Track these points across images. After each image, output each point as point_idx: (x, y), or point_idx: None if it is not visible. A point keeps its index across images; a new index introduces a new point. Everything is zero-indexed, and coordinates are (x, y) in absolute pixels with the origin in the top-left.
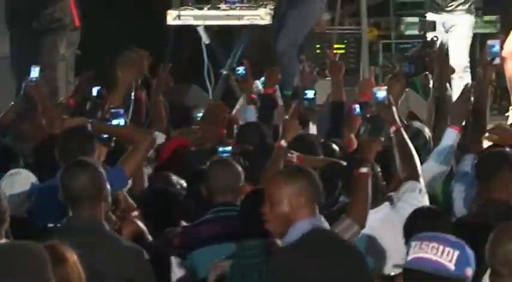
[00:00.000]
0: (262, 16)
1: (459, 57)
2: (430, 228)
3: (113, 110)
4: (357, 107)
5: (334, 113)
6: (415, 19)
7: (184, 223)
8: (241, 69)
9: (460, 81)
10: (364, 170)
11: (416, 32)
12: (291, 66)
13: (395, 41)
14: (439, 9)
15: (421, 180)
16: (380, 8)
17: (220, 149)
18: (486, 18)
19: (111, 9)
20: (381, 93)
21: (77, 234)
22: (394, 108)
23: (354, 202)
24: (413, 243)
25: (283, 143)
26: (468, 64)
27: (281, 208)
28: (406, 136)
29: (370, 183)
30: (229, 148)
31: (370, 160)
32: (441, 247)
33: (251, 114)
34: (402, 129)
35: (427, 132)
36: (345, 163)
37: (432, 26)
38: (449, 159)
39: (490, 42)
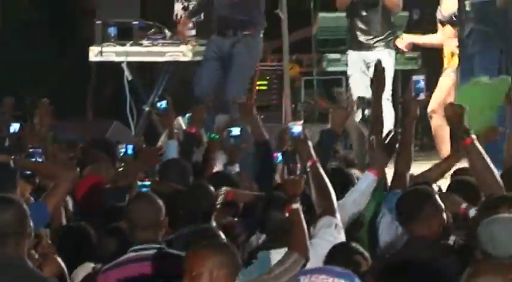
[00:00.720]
0: (184, 53)
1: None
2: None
3: (31, 150)
4: (279, 156)
5: (258, 153)
6: (337, 56)
7: (100, 265)
8: (162, 104)
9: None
10: (295, 206)
11: (338, 68)
12: None
13: (317, 78)
14: (359, 46)
15: (337, 215)
16: (302, 44)
17: (140, 183)
18: (407, 55)
19: (33, 44)
20: (297, 128)
21: (1, 272)
22: (309, 143)
23: (295, 237)
24: (302, 278)
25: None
26: (390, 97)
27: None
28: (322, 170)
29: (302, 216)
30: (148, 183)
31: (298, 195)
32: (330, 279)
33: (173, 150)
34: (318, 163)
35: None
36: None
37: None
38: (359, 202)
39: (415, 78)
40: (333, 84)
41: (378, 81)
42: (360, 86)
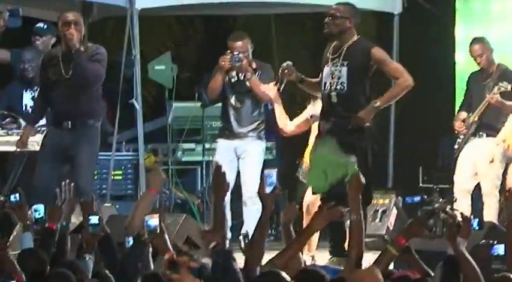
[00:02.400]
0: (39, 142)
1: (251, 183)
2: None
3: None
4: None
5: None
6: (192, 145)
7: None
8: (16, 197)
9: (252, 205)
10: None
11: (193, 158)
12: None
13: (173, 167)
14: (230, 135)
15: None
16: (157, 134)
17: None
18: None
19: None
20: (153, 221)
21: None
22: (166, 236)
23: None
24: None
25: None
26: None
27: None
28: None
29: None
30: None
31: None
32: None
33: (28, 242)
34: (175, 255)
35: None
36: None
37: None
38: None
39: (266, 172)
40: (188, 174)
41: (217, 184)
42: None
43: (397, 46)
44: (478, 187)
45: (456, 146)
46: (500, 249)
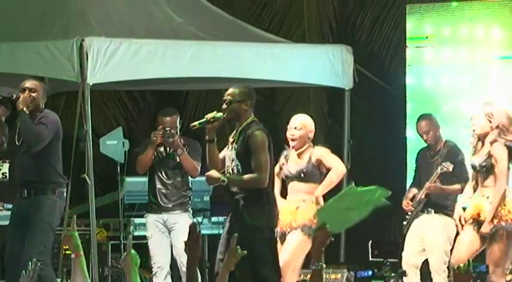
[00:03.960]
0: None
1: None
2: None
3: None
4: None
5: None
6: (144, 220)
7: None
8: None
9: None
10: None
11: (145, 233)
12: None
13: (125, 242)
14: (157, 209)
15: None
16: (109, 209)
17: None
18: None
19: None
20: None
21: None
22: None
23: None
24: None
25: None
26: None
27: None
28: None
29: None
30: None
31: None
32: None
33: None
34: None
35: None
36: None
37: None
38: None
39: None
40: (140, 249)
41: (192, 246)
42: (160, 248)
43: (348, 121)
44: (426, 262)
45: (405, 223)
46: None
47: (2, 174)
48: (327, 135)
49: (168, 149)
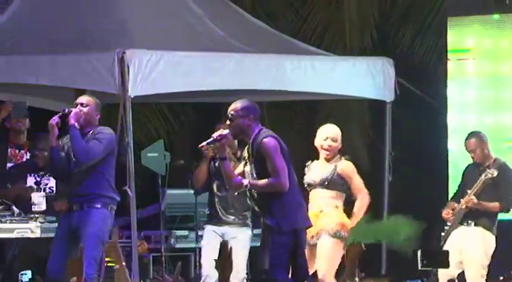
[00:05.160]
0: (32, 229)
1: (237, 270)
2: None
3: None
4: None
5: None
6: (185, 232)
7: None
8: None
9: None
10: None
11: (186, 245)
12: None
13: (166, 254)
14: (217, 222)
15: None
16: (150, 221)
17: None
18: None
19: None
20: None
21: None
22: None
23: None
24: None
25: None
26: (245, 276)
27: None
28: None
29: None
30: None
31: None
32: None
33: None
34: None
35: None
36: None
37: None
38: None
39: None
40: (181, 261)
41: (224, 263)
42: (212, 258)
43: (390, 133)
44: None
45: (443, 233)
46: None
47: (49, 188)
48: (369, 147)
49: None
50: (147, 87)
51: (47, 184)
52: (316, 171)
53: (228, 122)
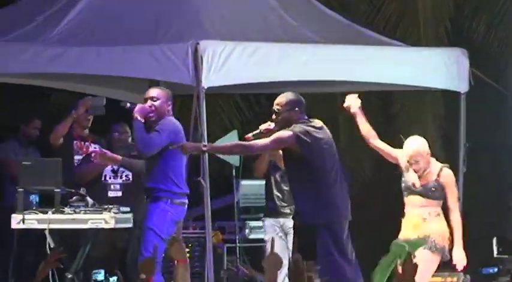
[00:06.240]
0: (107, 220)
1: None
2: None
3: None
4: None
5: None
6: (259, 223)
7: None
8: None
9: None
10: None
11: (260, 236)
12: None
13: (240, 245)
14: (275, 213)
15: None
16: (224, 212)
17: None
18: None
19: None
20: None
21: None
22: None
23: None
24: None
25: None
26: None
27: None
28: None
29: None
30: None
31: None
32: None
33: None
34: None
35: None
36: None
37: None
38: None
39: None
40: (255, 252)
41: (272, 262)
42: (278, 251)
43: (464, 124)
44: None
45: None
46: None
47: (126, 176)
48: (443, 139)
49: None
50: (221, 78)
51: (123, 172)
52: (415, 176)
53: (274, 116)
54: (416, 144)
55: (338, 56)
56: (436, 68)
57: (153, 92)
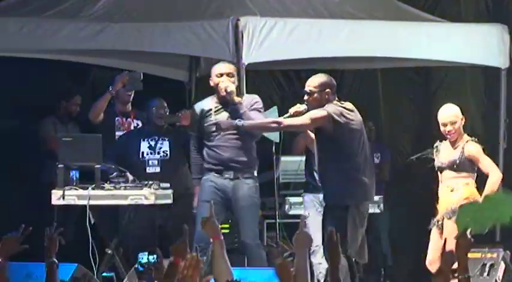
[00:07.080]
0: (147, 196)
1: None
2: None
3: None
4: None
5: None
6: (299, 199)
7: None
8: (154, 257)
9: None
10: None
11: (300, 212)
12: (259, 254)
13: (280, 221)
14: (314, 189)
15: None
16: (264, 188)
17: None
18: None
19: None
20: None
21: None
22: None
23: None
24: None
25: None
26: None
27: None
28: None
29: None
30: None
31: None
32: None
33: None
34: None
35: None
36: None
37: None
38: None
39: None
40: (295, 228)
41: (332, 252)
42: (317, 227)
43: (505, 100)
44: None
45: None
46: None
47: (163, 152)
48: (483, 115)
49: None
50: (261, 55)
51: (161, 148)
52: (444, 153)
53: (305, 97)
54: (452, 107)
55: (378, 33)
56: (476, 44)
57: (226, 66)
